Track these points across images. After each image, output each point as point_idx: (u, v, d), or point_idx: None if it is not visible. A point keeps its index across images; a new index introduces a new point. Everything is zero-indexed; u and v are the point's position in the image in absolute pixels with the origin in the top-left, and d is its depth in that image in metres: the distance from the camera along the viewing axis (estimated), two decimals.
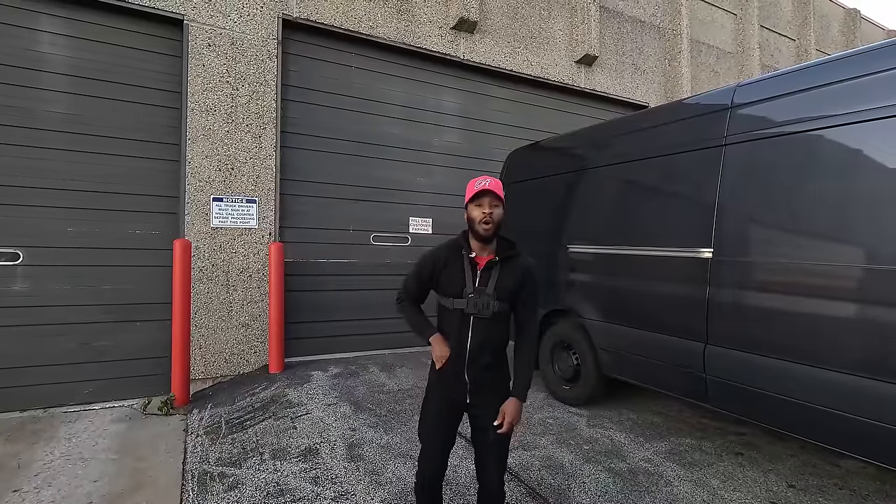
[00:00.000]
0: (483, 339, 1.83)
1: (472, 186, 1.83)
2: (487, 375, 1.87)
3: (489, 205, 1.80)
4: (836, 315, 2.35)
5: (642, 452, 3.11)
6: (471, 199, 1.83)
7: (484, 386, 1.87)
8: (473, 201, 1.83)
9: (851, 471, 2.89)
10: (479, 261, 1.85)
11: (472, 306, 1.80)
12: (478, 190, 1.81)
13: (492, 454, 1.88)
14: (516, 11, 6.24)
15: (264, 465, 2.83)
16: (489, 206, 1.80)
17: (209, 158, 4.40)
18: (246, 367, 4.55)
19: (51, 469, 2.89)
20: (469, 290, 1.82)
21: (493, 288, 1.82)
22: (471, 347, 1.83)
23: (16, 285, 3.85)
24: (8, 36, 3.88)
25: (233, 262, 4.50)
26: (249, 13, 4.61)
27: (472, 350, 1.83)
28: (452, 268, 1.88)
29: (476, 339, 1.83)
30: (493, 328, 1.84)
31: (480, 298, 1.80)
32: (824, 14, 10.31)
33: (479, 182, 1.83)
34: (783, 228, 2.62)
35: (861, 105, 2.31)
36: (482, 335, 1.83)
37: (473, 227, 1.83)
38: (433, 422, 1.94)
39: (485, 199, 1.81)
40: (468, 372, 1.84)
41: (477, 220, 1.81)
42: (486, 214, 1.79)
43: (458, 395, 1.88)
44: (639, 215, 3.45)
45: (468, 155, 6.02)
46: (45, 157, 3.95)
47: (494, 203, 1.81)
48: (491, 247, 1.88)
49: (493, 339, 1.85)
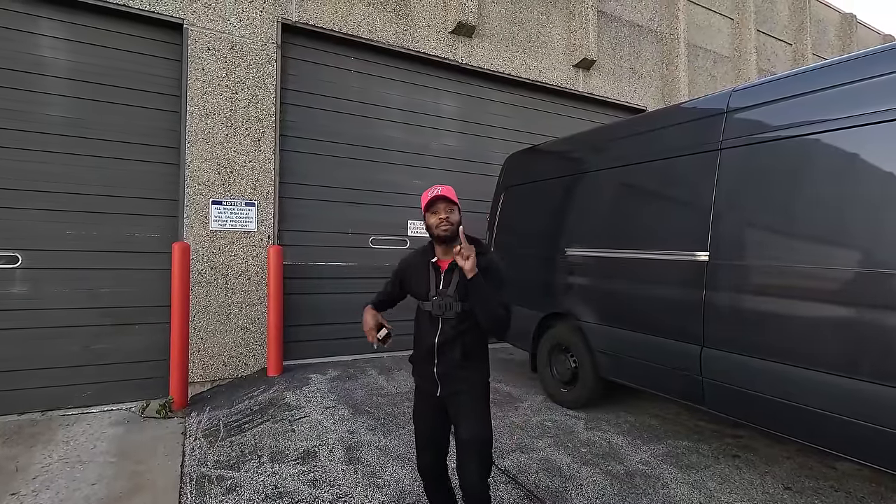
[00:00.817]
0: (450, 338, 1.93)
1: (426, 196, 1.93)
2: (456, 372, 1.94)
3: (444, 210, 1.91)
4: (831, 318, 2.36)
5: (639, 455, 3.12)
6: (426, 209, 1.94)
7: (453, 380, 1.94)
8: (429, 210, 1.93)
9: (847, 473, 2.90)
10: (441, 264, 1.97)
11: (437, 308, 1.92)
12: (431, 198, 1.91)
13: (465, 452, 1.92)
14: (514, 16, 6.28)
15: (262, 467, 2.84)
16: (444, 211, 1.90)
17: (208, 162, 4.42)
18: (244, 370, 4.55)
19: (49, 472, 2.89)
20: (432, 293, 1.94)
21: (453, 289, 1.91)
22: (438, 344, 1.93)
23: (14, 288, 3.85)
24: (8, 40, 3.89)
25: (232, 265, 4.51)
26: (249, 17, 4.63)
27: (439, 346, 1.93)
28: (419, 272, 2.02)
29: (443, 337, 1.93)
30: (461, 327, 1.92)
31: (443, 300, 1.91)
32: (821, 19, 10.38)
33: (431, 191, 1.92)
34: (779, 232, 2.64)
35: (857, 109, 2.34)
36: (449, 334, 1.93)
37: (434, 233, 1.94)
38: (417, 414, 2.08)
39: (439, 206, 1.91)
40: (437, 367, 1.94)
41: (434, 225, 1.92)
42: (443, 219, 1.90)
43: (431, 387, 1.99)
44: (636, 219, 3.47)
45: (466, 158, 6.05)
46: (44, 160, 3.96)
47: (449, 208, 1.91)
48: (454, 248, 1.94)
49: (461, 337, 1.93)
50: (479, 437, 1.92)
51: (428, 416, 2.05)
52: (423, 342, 2.00)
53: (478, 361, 2.01)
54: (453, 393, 1.95)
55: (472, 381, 1.98)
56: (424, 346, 1.98)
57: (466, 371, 1.96)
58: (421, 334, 2.02)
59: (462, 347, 1.93)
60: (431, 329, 1.95)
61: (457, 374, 1.95)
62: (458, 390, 1.95)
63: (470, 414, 1.94)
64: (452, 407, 1.97)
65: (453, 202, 1.93)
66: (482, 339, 2.02)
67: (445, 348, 1.93)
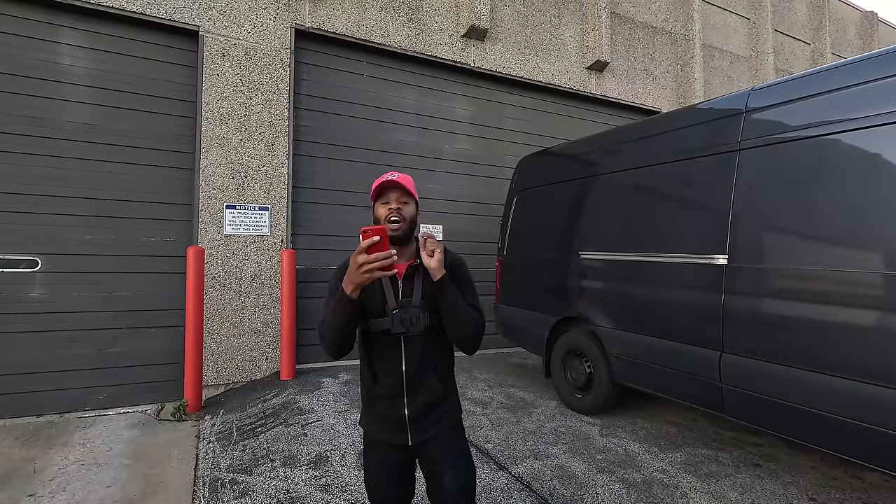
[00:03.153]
0: (421, 362, 1.50)
1: (376, 183, 1.53)
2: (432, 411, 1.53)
3: (396, 200, 1.51)
4: (855, 322, 2.28)
5: (657, 463, 3.05)
6: (376, 197, 1.54)
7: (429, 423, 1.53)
8: (379, 199, 1.54)
9: (875, 484, 2.80)
10: (397, 268, 1.48)
11: (399, 324, 1.45)
12: (380, 183, 1.50)
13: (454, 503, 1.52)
14: (527, 19, 6.26)
15: (275, 472, 2.83)
16: (396, 201, 1.51)
17: (223, 167, 4.46)
18: (258, 373, 4.57)
19: (65, 474, 2.92)
20: (392, 306, 1.48)
21: (419, 298, 1.49)
22: (407, 374, 1.49)
23: (34, 292, 3.92)
24: (32, 49, 3.98)
25: (245, 269, 4.54)
26: (263, 24, 4.68)
27: (409, 377, 1.49)
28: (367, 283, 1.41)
29: (412, 363, 1.49)
30: (430, 346, 1.52)
31: (407, 313, 1.46)
32: (840, 17, 10.17)
33: (384, 177, 1.52)
34: (800, 234, 2.57)
35: (878, 108, 2.26)
36: (419, 358, 1.50)
37: None
38: (374, 474, 1.62)
39: (391, 195, 1.52)
40: (409, 407, 1.50)
41: (384, 218, 1.50)
42: (392, 210, 1.50)
43: (396, 436, 1.52)
44: (652, 221, 3.41)
45: (479, 162, 6.03)
46: (65, 166, 4.04)
47: (403, 199, 1.52)
48: (409, 251, 1.57)
49: (433, 360, 1.53)
50: (470, 484, 1.58)
51: (392, 474, 1.59)
52: (384, 375, 1.51)
53: (453, 392, 1.63)
54: (429, 439, 1.53)
55: (451, 417, 1.59)
56: (387, 380, 1.50)
57: (445, 405, 1.57)
58: (377, 365, 1.53)
59: (436, 374, 1.53)
60: (392, 355, 1.50)
61: (432, 415, 1.53)
62: (437, 434, 1.53)
63: (456, 460, 1.56)
64: (428, 454, 1.55)
65: (409, 193, 1.53)
66: (452, 360, 1.64)
67: (417, 379, 1.49)
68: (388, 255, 1.27)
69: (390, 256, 1.28)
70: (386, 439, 1.55)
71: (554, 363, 4.18)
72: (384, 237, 1.28)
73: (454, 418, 1.62)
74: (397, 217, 1.49)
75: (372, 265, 1.26)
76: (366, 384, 1.58)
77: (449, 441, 1.56)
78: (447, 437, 1.56)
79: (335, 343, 1.43)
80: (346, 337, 1.43)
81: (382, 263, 1.27)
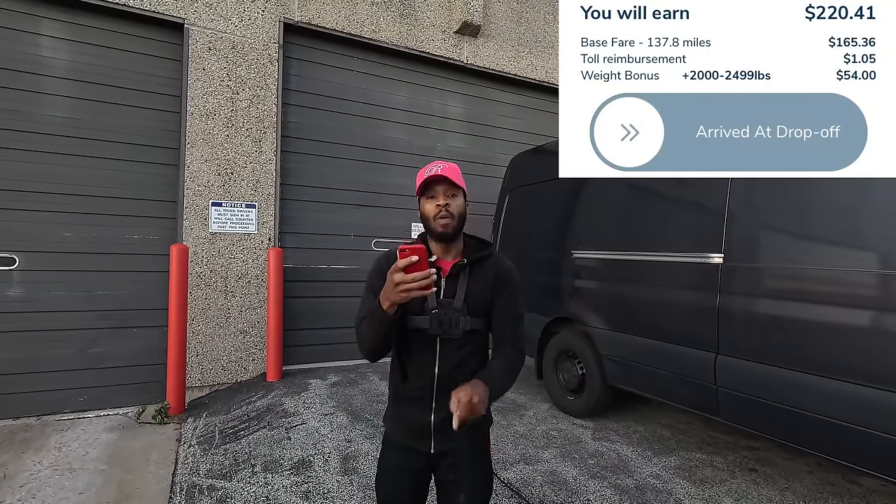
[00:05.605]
0: (454, 367, 1.41)
1: (421, 176, 1.42)
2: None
3: (444, 195, 1.40)
4: (853, 324, 2.21)
5: (650, 468, 2.97)
6: (421, 192, 1.43)
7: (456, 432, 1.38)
8: (425, 194, 1.43)
9: (872, 489, 2.73)
10: (442, 265, 1.43)
11: (437, 325, 1.37)
12: (427, 178, 1.39)
13: None
14: (521, 15, 6.18)
15: (255, 477, 2.73)
16: (444, 196, 1.40)
17: (208, 163, 4.35)
18: (244, 374, 4.46)
19: (37, 480, 2.81)
20: (432, 305, 1.39)
21: (461, 300, 1.41)
22: (439, 378, 1.40)
23: (11, 290, 3.80)
24: (9, 40, 3.86)
25: (231, 267, 4.43)
26: (250, 17, 4.58)
27: (440, 381, 1.40)
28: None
29: (445, 367, 1.41)
30: (466, 352, 1.43)
31: (446, 315, 1.38)
32: None
33: (429, 169, 1.41)
34: (797, 232, 2.50)
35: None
36: (453, 362, 1.41)
37: (429, 226, 1.42)
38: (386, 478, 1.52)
39: (438, 189, 1.41)
40: (436, 413, 1.41)
41: (431, 215, 1.40)
42: (441, 207, 1.39)
43: (418, 441, 1.44)
44: (646, 220, 3.33)
45: (472, 160, 5.93)
46: (43, 161, 3.92)
47: (451, 192, 1.41)
48: (456, 248, 1.49)
49: (467, 366, 1.43)
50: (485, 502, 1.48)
51: (407, 482, 1.48)
52: (414, 376, 1.44)
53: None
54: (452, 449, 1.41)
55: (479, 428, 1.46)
56: (417, 381, 1.43)
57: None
58: (409, 364, 1.45)
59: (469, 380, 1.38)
60: (425, 356, 1.41)
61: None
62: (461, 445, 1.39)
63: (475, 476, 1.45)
64: (446, 466, 1.44)
65: (457, 185, 1.41)
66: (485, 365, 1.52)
67: (448, 384, 1.35)
68: (426, 276, 1.21)
69: (428, 276, 1.21)
70: (407, 442, 1.47)
71: (546, 365, 4.10)
72: (423, 257, 1.22)
73: (482, 430, 1.50)
74: (446, 214, 1.39)
75: (409, 286, 1.20)
76: (394, 381, 1.51)
77: (471, 454, 1.44)
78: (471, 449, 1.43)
79: (372, 350, 1.39)
80: (384, 345, 1.39)
81: (420, 284, 1.21)
